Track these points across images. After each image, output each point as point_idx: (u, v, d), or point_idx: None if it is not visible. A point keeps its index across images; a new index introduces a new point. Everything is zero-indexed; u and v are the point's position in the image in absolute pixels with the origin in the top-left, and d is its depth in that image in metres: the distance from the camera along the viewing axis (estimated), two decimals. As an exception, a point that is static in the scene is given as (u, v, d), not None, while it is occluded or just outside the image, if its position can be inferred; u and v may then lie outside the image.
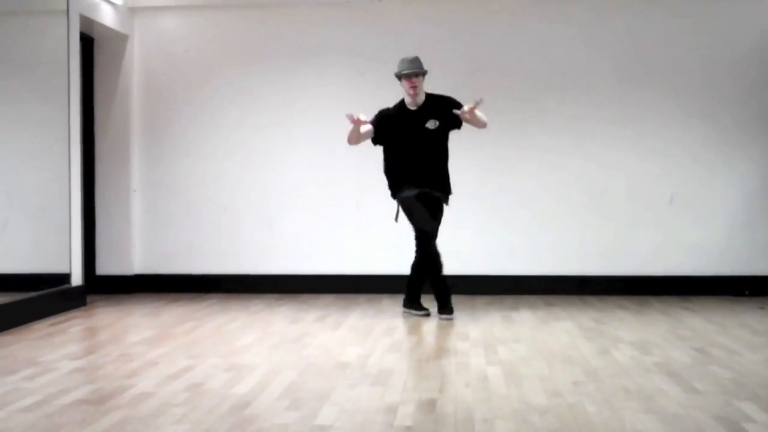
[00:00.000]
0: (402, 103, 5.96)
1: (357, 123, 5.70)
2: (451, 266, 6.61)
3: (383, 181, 6.09)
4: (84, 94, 7.15)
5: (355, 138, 5.86)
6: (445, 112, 5.84)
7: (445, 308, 5.90)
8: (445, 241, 6.06)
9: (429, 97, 5.94)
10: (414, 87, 5.82)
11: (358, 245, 7.33)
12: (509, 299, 6.79)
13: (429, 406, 3.57)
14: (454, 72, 7.04)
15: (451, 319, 5.82)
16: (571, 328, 5.49)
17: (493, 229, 7.16)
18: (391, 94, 6.11)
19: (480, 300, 6.65)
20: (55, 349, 4.87)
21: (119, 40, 7.40)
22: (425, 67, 5.93)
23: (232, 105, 7.47)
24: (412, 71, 5.81)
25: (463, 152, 6.53)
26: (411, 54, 5.98)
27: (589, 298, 6.90)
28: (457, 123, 5.92)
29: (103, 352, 4.82)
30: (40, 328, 5.60)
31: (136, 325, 5.87)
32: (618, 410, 3.47)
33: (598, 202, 7.21)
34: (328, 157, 7.35)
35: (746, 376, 4.10)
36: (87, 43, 7.28)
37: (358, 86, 7.31)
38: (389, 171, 6.01)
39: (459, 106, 5.82)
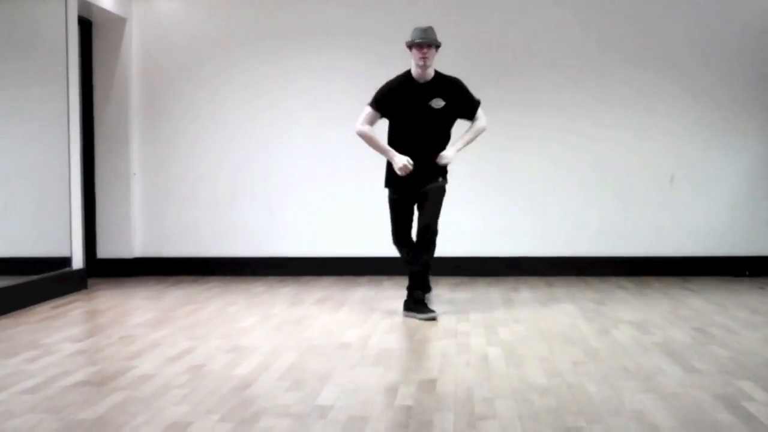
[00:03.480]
0: (408, 73, 5.43)
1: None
2: (452, 248, 6.61)
3: (383, 163, 6.00)
4: (83, 77, 7.13)
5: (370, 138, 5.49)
6: (452, 95, 5.40)
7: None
8: (446, 223, 6.05)
9: (438, 75, 5.44)
10: (424, 58, 5.29)
11: (359, 227, 7.32)
12: (510, 280, 6.80)
13: (429, 385, 3.58)
14: (458, 50, 6.97)
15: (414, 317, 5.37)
16: (571, 309, 5.50)
17: (494, 210, 7.15)
18: (390, 73, 6.07)
19: (480, 281, 6.66)
20: (57, 331, 4.89)
21: (118, 23, 7.37)
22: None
23: (230, 87, 7.45)
24: (424, 41, 5.28)
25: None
26: (424, 24, 5.51)
27: (590, 279, 6.91)
28: (467, 113, 5.49)
29: (104, 335, 4.83)
30: (42, 311, 5.61)
31: (137, 308, 5.88)
32: (617, 389, 3.48)
33: (598, 183, 7.20)
34: (328, 139, 7.34)
35: (746, 355, 4.11)
36: (85, 27, 7.26)
37: (358, 66, 7.28)
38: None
39: (467, 95, 5.46)
